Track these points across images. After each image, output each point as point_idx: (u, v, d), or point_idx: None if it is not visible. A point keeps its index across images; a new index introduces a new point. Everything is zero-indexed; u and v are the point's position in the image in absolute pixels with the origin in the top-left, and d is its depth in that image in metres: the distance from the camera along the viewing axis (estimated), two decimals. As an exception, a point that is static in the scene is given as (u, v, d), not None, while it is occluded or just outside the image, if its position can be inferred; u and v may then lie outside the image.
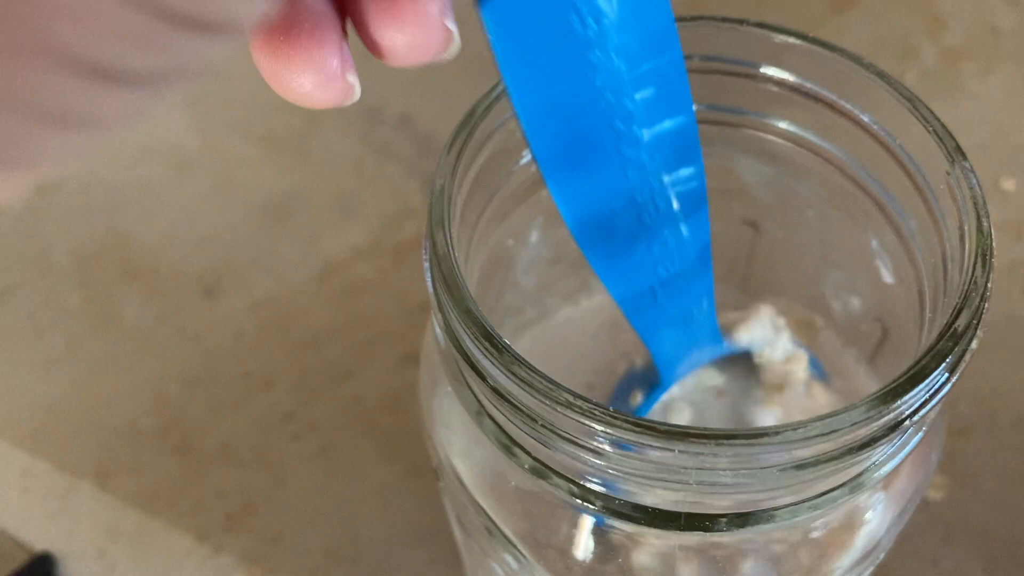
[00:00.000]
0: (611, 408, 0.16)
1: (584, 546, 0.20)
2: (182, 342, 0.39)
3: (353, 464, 0.36)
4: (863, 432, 0.16)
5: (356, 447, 0.36)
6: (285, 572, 0.33)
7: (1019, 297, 0.38)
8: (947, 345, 0.18)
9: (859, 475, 0.18)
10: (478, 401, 0.19)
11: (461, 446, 0.21)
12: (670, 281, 0.20)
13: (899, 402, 0.17)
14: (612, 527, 0.20)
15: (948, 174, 0.20)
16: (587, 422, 0.16)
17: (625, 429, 0.16)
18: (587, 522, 0.20)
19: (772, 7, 0.46)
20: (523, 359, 0.17)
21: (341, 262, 0.41)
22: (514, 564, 0.21)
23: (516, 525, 0.20)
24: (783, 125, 0.22)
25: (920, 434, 0.19)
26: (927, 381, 0.17)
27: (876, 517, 0.21)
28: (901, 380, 0.17)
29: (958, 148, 0.20)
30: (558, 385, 0.17)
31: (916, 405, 0.17)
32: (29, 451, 0.36)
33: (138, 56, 0.12)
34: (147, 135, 0.45)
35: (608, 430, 0.16)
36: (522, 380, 0.17)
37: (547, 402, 0.16)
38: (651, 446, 0.16)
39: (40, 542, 0.34)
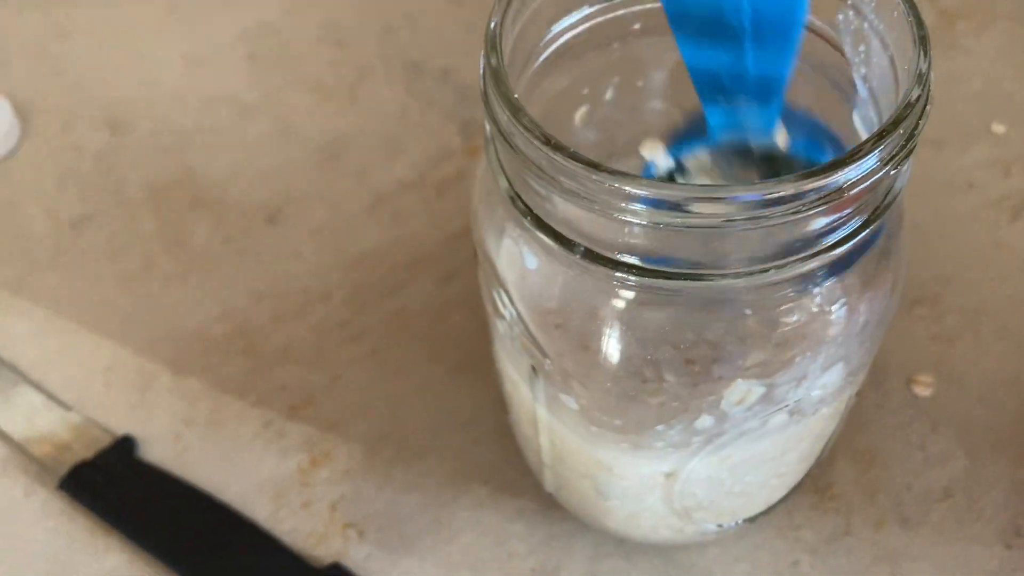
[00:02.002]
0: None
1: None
2: (247, 261, 0.43)
3: (401, 364, 0.40)
4: (809, 191, 0.20)
5: (404, 349, 0.40)
6: (342, 452, 0.37)
7: (1005, 226, 0.42)
8: (889, 129, 0.21)
9: (814, 252, 0.22)
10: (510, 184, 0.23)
11: (497, 241, 0.26)
12: (741, 79, 0.24)
13: (838, 172, 0.21)
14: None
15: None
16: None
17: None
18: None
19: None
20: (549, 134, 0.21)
21: (389, 194, 0.45)
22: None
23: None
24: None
25: (868, 231, 0.23)
26: (865, 159, 0.21)
27: (837, 321, 0.25)
28: (842, 155, 0.21)
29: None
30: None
31: (853, 178, 0.21)
32: (111, 352, 0.41)
33: None
34: (211, 86, 0.49)
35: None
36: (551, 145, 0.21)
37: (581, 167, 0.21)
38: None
39: (122, 428, 0.38)
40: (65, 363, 0.40)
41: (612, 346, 0.25)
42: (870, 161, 0.21)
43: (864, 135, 0.26)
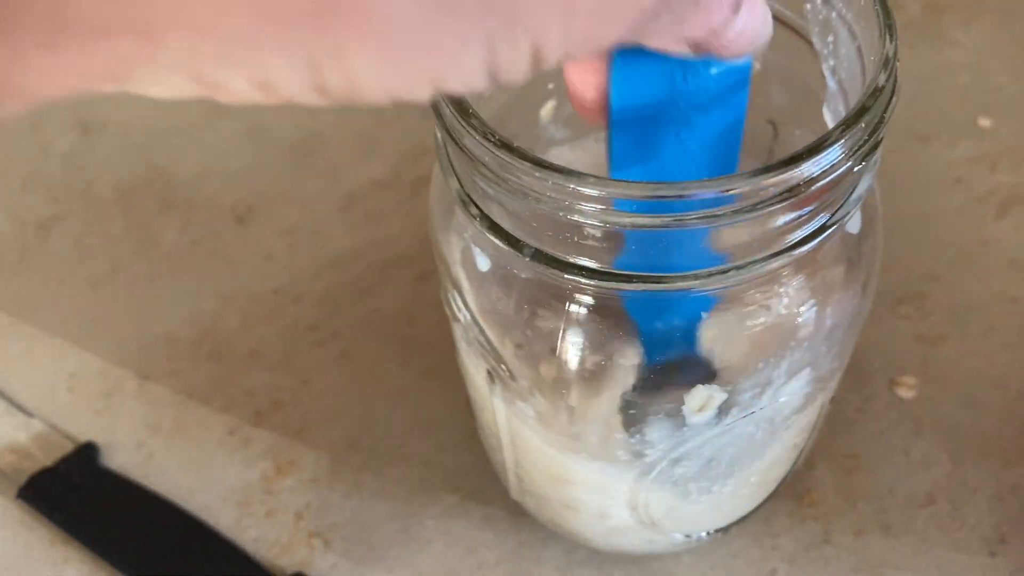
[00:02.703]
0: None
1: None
2: (216, 263, 0.42)
3: (371, 367, 0.39)
4: (766, 187, 0.19)
5: (374, 353, 0.39)
6: (308, 460, 0.36)
7: (991, 221, 0.41)
8: (854, 119, 0.20)
9: (776, 251, 0.21)
10: (460, 184, 0.22)
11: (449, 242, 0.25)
12: None
13: (800, 166, 0.20)
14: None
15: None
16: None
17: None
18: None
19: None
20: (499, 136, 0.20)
21: (363, 194, 0.44)
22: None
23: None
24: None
25: (833, 228, 0.22)
26: (828, 151, 0.20)
27: (803, 324, 0.24)
28: (804, 148, 0.20)
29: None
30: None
31: (816, 172, 0.20)
32: (76, 357, 0.40)
33: None
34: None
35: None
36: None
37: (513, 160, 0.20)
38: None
39: (85, 435, 0.38)
40: (28, 369, 0.39)
41: (566, 351, 0.24)
42: (833, 153, 0.20)
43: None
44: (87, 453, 0.37)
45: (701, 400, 0.24)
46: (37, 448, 0.37)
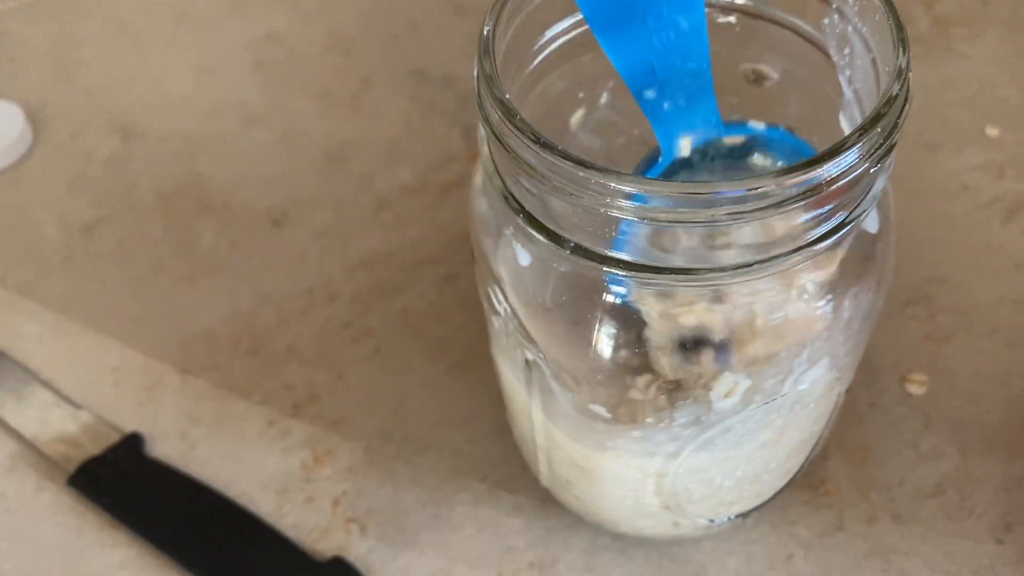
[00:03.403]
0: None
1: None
2: (253, 264, 0.44)
3: (403, 362, 0.40)
4: (789, 187, 0.21)
5: (406, 349, 0.41)
6: (344, 450, 0.38)
7: (997, 227, 0.42)
8: (870, 125, 0.22)
9: (798, 247, 0.23)
10: (504, 184, 0.24)
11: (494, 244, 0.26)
12: (669, 59, 0.25)
13: (820, 167, 0.21)
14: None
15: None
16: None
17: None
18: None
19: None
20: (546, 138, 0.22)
21: (392, 198, 0.46)
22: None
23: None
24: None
25: (851, 226, 0.23)
26: (846, 154, 0.22)
27: (823, 317, 0.25)
28: (825, 151, 0.22)
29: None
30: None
31: (835, 173, 0.21)
32: (120, 352, 0.42)
33: None
34: (219, 93, 0.50)
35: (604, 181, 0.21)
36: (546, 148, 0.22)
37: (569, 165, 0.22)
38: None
39: (130, 425, 0.39)
40: (75, 363, 0.41)
41: (602, 340, 0.25)
42: (851, 156, 0.22)
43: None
44: (132, 443, 0.39)
45: (728, 387, 0.25)
46: (85, 438, 0.39)
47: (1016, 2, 0.50)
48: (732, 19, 0.27)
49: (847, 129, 0.27)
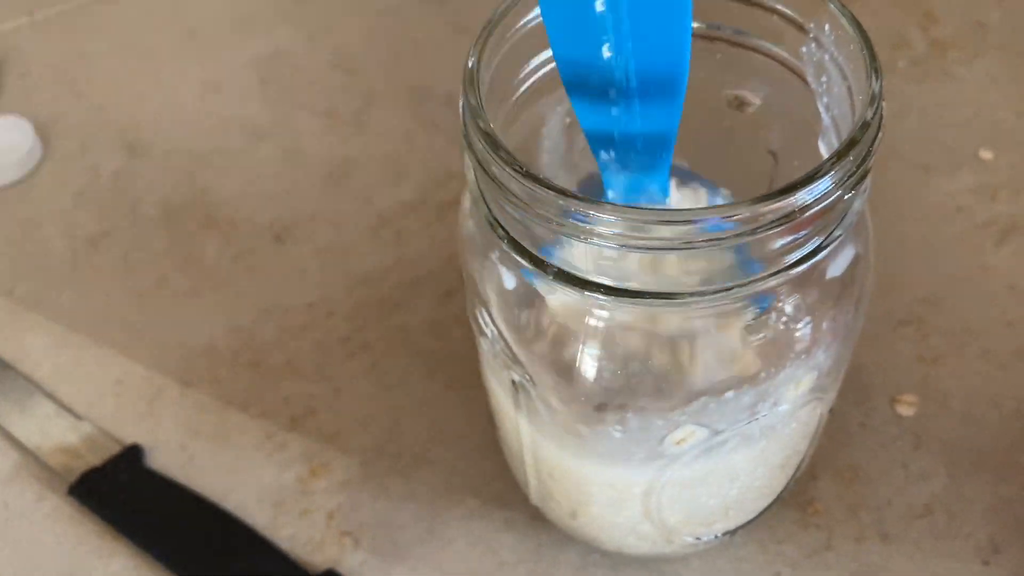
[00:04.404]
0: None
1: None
2: (254, 279, 0.45)
3: (399, 378, 0.41)
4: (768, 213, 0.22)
5: (402, 365, 0.41)
6: (339, 464, 0.39)
7: (991, 249, 0.43)
8: (844, 151, 0.22)
9: (775, 271, 0.23)
10: (488, 208, 0.25)
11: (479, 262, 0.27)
12: (628, 134, 0.25)
13: (795, 194, 0.22)
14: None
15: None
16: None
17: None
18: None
19: None
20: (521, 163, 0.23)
21: (392, 215, 0.46)
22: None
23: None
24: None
25: (828, 250, 0.24)
26: (820, 181, 0.22)
27: (802, 338, 0.26)
28: (799, 178, 0.22)
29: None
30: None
31: (809, 200, 0.22)
32: (122, 364, 0.42)
33: None
34: (225, 109, 0.51)
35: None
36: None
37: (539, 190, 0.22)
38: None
39: (130, 437, 0.40)
40: (78, 375, 0.42)
41: (585, 362, 0.26)
42: (825, 183, 0.23)
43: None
44: (133, 454, 0.39)
45: (684, 434, 0.26)
46: (86, 449, 0.39)
47: (1013, 26, 0.51)
48: (715, 46, 0.28)
49: (826, 154, 0.27)
